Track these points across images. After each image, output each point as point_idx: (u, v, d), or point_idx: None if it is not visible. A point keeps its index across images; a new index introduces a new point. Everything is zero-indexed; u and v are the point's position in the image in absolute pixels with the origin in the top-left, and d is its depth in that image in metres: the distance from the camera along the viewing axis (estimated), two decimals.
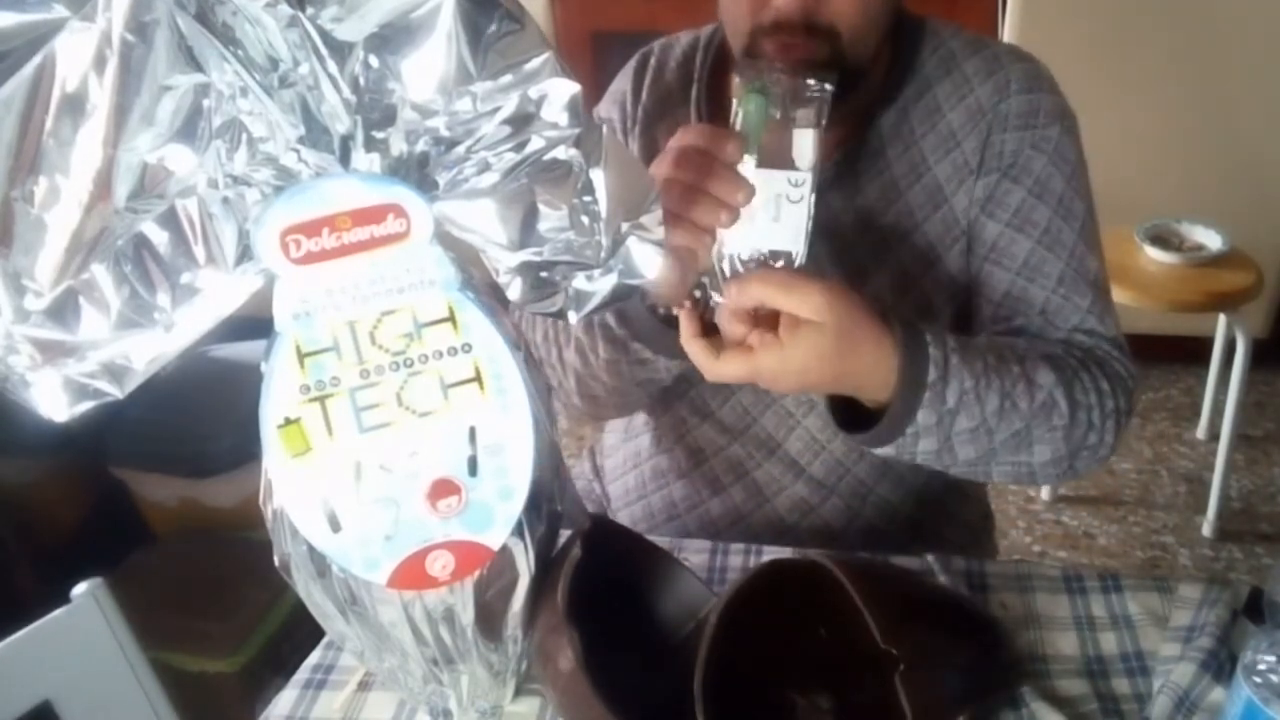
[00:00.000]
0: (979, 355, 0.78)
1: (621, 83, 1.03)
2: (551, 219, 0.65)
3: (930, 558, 0.90)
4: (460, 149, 0.62)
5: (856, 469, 0.98)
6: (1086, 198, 0.90)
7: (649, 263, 0.70)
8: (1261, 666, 0.63)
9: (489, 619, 0.70)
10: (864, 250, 0.91)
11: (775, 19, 0.80)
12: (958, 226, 0.90)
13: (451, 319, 0.63)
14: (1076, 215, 0.88)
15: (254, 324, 0.66)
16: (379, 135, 0.60)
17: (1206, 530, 2.11)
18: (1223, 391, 2.09)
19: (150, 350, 0.60)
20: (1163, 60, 2.25)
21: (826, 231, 0.92)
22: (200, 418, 1.79)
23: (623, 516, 1.10)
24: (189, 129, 0.56)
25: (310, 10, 0.55)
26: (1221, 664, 0.76)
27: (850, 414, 0.82)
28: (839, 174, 0.91)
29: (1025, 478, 0.85)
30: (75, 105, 0.53)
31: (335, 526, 0.62)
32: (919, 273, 0.91)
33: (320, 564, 0.65)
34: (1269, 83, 2.22)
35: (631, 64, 1.03)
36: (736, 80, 0.77)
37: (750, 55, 0.83)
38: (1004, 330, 0.89)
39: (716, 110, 0.96)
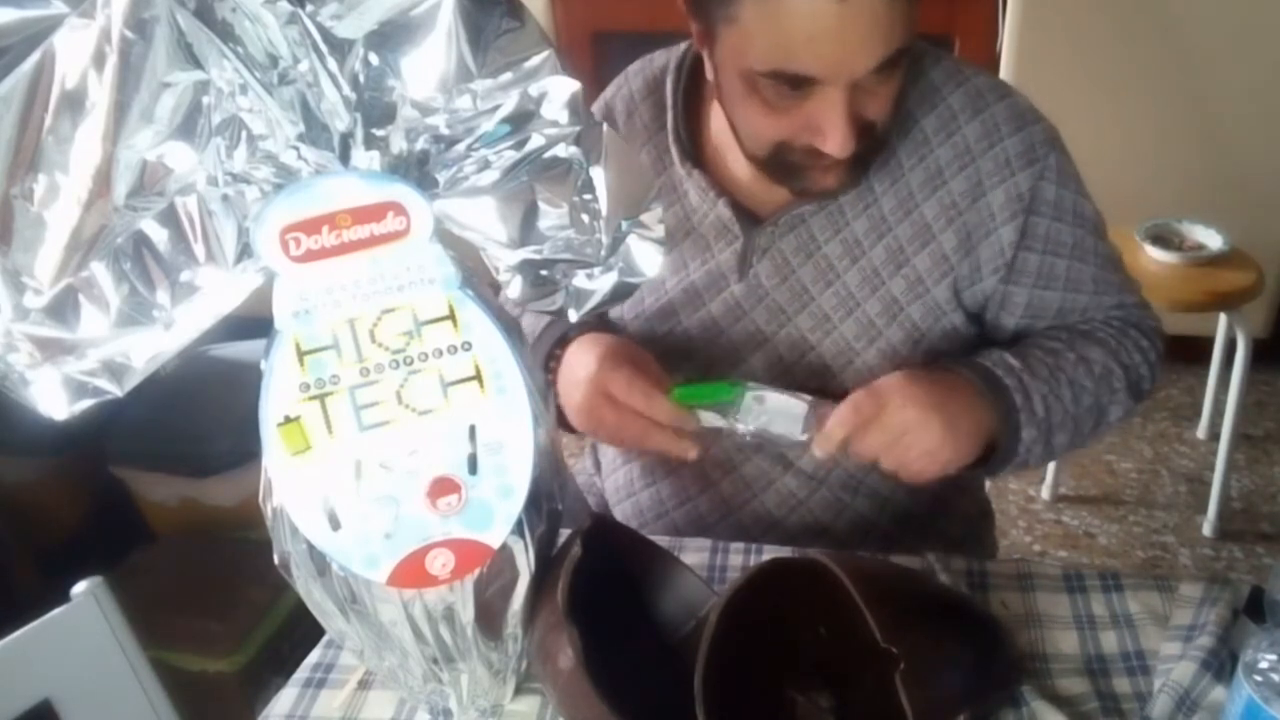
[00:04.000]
0: (1039, 361, 0.90)
1: (596, 107, 1.04)
2: (551, 217, 0.65)
3: (930, 556, 0.90)
4: (460, 147, 0.62)
5: (846, 461, 0.98)
6: (1088, 196, 0.96)
7: (649, 261, 0.70)
8: (1262, 665, 0.63)
9: (489, 617, 0.70)
10: (854, 280, 0.93)
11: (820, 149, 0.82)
12: (945, 263, 0.92)
13: (451, 317, 0.63)
14: (1089, 217, 0.95)
15: (254, 323, 0.66)
16: (379, 133, 0.60)
17: (1207, 530, 2.11)
18: (1223, 391, 2.08)
19: (150, 348, 0.60)
20: (1163, 60, 2.25)
21: (812, 258, 0.93)
22: (200, 417, 1.78)
23: (617, 513, 1.10)
24: (188, 126, 0.56)
25: (310, 7, 0.55)
26: (1222, 663, 0.76)
27: None
28: (822, 204, 0.92)
29: (1106, 432, 0.98)
30: (75, 102, 0.53)
31: (335, 525, 0.62)
32: (908, 302, 0.93)
33: (320, 562, 0.65)
34: (1269, 83, 2.22)
35: (605, 96, 1.04)
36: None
37: (774, 163, 0.86)
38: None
39: (696, 131, 0.97)
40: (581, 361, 0.88)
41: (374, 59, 0.58)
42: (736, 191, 0.95)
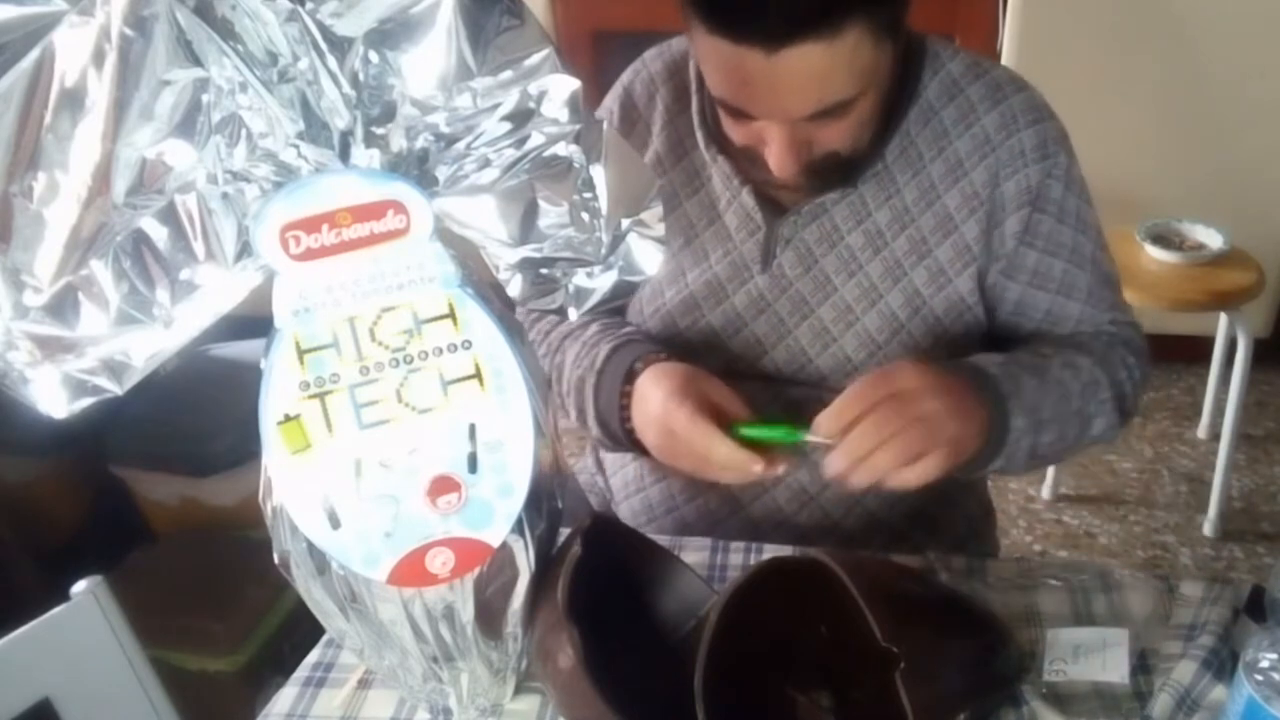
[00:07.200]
0: (1025, 359, 0.90)
1: (610, 102, 1.05)
2: (552, 215, 0.65)
3: (931, 555, 0.90)
4: (460, 145, 0.62)
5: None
6: (1091, 204, 0.97)
7: (649, 259, 0.70)
8: (1263, 664, 0.63)
9: (489, 616, 0.70)
10: (876, 271, 0.94)
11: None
12: (968, 253, 0.93)
13: (451, 315, 0.63)
14: (1091, 225, 0.97)
15: (254, 322, 0.66)
16: (379, 131, 0.60)
17: (1207, 529, 2.11)
18: (1224, 391, 2.08)
19: (149, 347, 0.60)
20: (1164, 60, 2.25)
21: (835, 248, 0.94)
22: (200, 416, 1.78)
23: (623, 509, 1.10)
24: (188, 124, 0.56)
25: (310, 5, 0.55)
26: (1223, 662, 0.76)
27: None
28: (844, 193, 0.92)
29: (1089, 447, 0.97)
30: (74, 100, 0.53)
31: (335, 523, 0.62)
32: (930, 294, 0.94)
33: (320, 561, 0.65)
34: (1270, 83, 2.22)
35: (621, 81, 1.05)
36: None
37: (746, 156, 0.91)
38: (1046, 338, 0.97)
39: (719, 119, 0.97)
40: (652, 395, 0.88)
41: (374, 57, 0.57)
42: (758, 180, 0.95)
